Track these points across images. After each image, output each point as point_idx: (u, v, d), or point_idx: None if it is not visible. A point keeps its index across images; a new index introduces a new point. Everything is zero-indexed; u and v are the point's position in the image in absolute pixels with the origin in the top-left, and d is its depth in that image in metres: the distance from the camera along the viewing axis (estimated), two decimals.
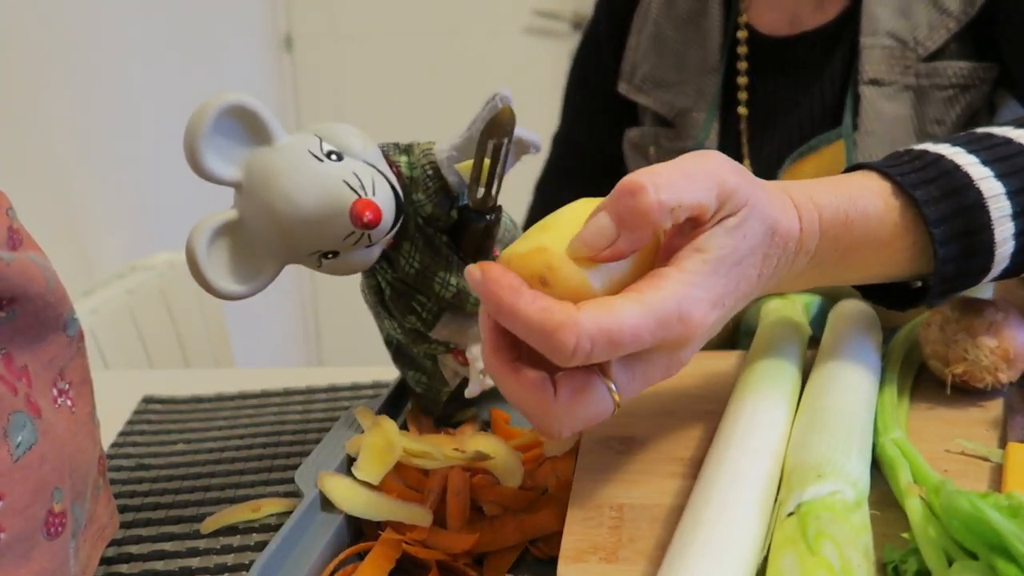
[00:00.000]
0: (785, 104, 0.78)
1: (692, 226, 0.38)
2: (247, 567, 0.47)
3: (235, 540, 0.50)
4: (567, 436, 0.37)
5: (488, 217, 0.49)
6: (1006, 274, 0.45)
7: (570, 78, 0.93)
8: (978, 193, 0.42)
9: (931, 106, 0.71)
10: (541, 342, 0.33)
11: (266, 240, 0.43)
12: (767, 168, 0.78)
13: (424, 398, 0.58)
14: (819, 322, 0.59)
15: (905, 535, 0.35)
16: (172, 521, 0.52)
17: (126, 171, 1.43)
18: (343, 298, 2.44)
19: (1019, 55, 0.69)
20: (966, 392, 0.49)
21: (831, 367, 0.47)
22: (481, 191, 0.47)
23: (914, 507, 0.36)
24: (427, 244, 0.50)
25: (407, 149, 0.49)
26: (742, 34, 0.79)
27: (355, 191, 0.41)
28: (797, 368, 0.48)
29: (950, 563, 0.32)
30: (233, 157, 0.42)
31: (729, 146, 0.80)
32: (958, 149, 0.44)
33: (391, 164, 0.48)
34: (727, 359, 0.55)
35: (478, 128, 0.46)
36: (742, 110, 0.79)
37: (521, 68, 2.08)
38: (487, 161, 0.45)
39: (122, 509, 0.53)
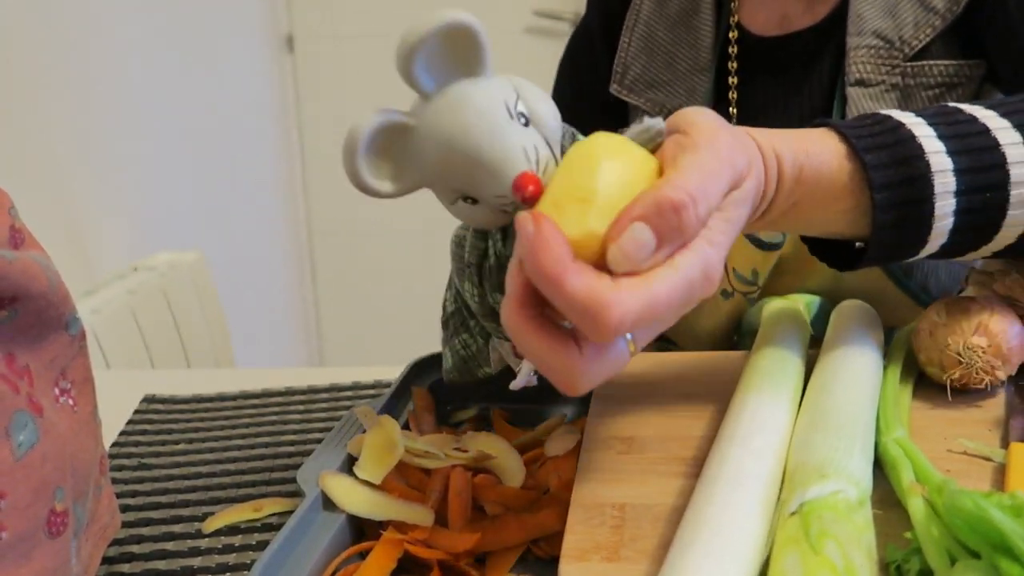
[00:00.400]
0: (775, 104, 0.78)
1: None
2: (248, 567, 0.47)
3: (237, 539, 0.50)
4: (584, 391, 0.37)
5: None
6: (946, 252, 0.46)
7: (560, 74, 0.93)
8: (927, 165, 0.43)
9: (917, 105, 0.71)
10: (584, 319, 0.33)
11: (425, 157, 0.43)
12: None
13: (462, 365, 0.57)
14: (820, 322, 0.59)
15: (908, 535, 0.35)
16: (174, 520, 0.52)
17: (127, 171, 1.43)
18: (345, 298, 2.44)
19: (1004, 53, 0.69)
20: (968, 392, 0.49)
21: (833, 367, 0.47)
22: None
23: (917, 506, 0.35)
24: None
25: (575, 135, 0.49)
26: (733, 34, 0.79)
27: (528, 162, 0.42)
28: (799, 368, 0.48)
29: (953, 562, 0.32)
30: (436, 70, 0.42)
31: None
32: (920, 120, 0.45)
33: (562, 150, 0.48)
34: (728, 359, 0.55)
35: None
36: (732, 110, 0.79)
37: (521, 68, 2.07)
38: None
39: (124, 508, 0.53)
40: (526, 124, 0.43)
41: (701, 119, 0.39)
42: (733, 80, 0.79)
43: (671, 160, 0.38)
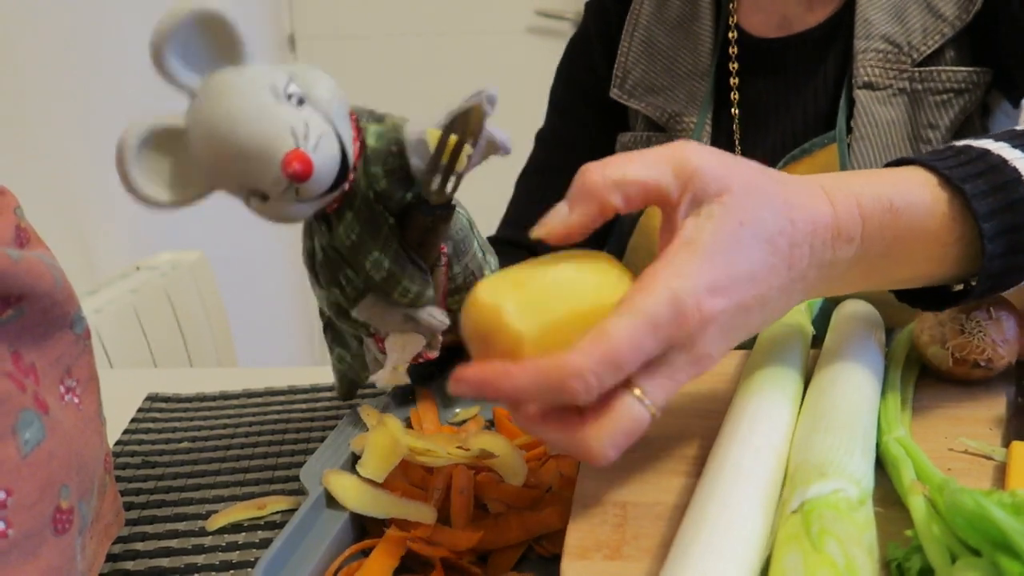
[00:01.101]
0: (776, 106, 0.78)
1: (664, 213, 0.38)
2: (252, 564, 0.47)
3: (240, 537, 0.50)
4: (613, 456, 0.35)
5: (438, 211, 0.47)
6: None
7: (557, 78, 0.93)
8: None
9: (925, 110, 0.71)
10: (557, 394, 0.33)
11: (198, 157, 0.41)
12: None
13: (343, 379, 0.57)
14: (822, 321, 0.59)
15: (909, 533, 0.35)
16: (177, 518, 0.52)
17: None
18: None
19: (1013, 61, 0.69)
20: (969, 389, 0.49)
21: (834, 366, 0.47)
22: (436, 183, 0.45)
23: (918, 505, 0.36)
24: (370, 219, 0.47)
25: (381, 118, 0.47)
26: (732, 35, 0.79)
27: (296, 140, 0.40)
28: (800, 367, 0.48)
29: (954, 561, 0.32)
30: (197, 65, 0.41)
31: (721, 148, 0.80)
32: (1002, 144, 0.43)
33: (358, 129, 0.46)
34: (730, 358, 0.55)
35: (452, 118, 0.45)
36: (734, 112, 0.79)
37: (523, 68, 2.07)
38: (446, 155, 0.44)
39: (127, 506, 0.53)
40: (300, 104, 0.41)
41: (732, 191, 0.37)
42: (734, 81, 0.79)
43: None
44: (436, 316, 0.51)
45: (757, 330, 0.39)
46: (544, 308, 0.35)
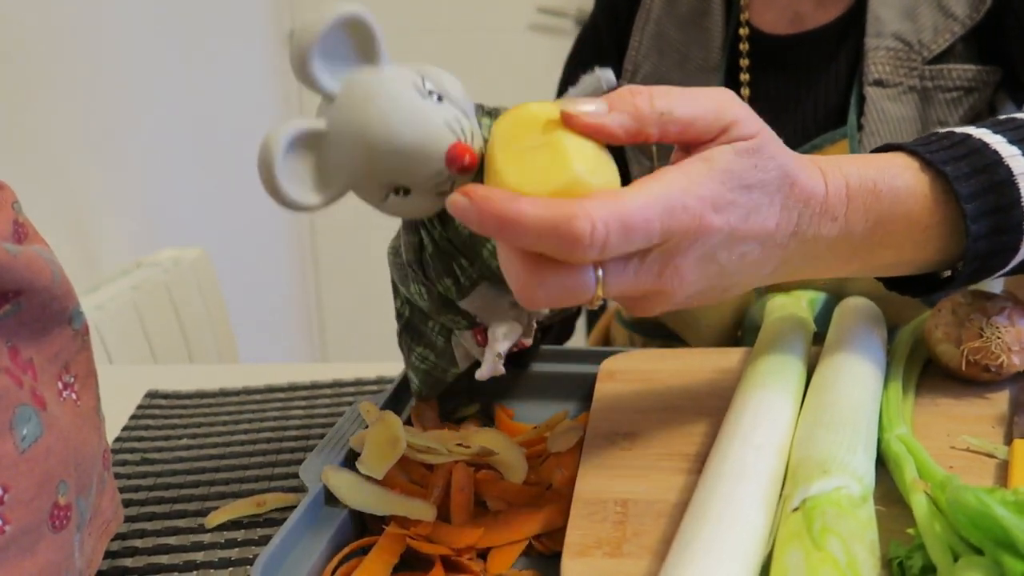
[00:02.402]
0: (787, 103, 0.78)
1: (697, 147, 0.38)
2: (251, 561, 0.47)
3: (239, 534, 0.50)
4: (542, 307, 0.36)
5: None
6: None
7: (566, 72, 0.93)
8: (1008, 170, 0.42)
9: (935, 108, 0.72)
10: (555, 237, 0.32)
11: (345, 158, 0.42)
12: None
13: (426, 378, 0.57)
14: (824, 318, 0.59)
15: (910, 531, 0.35)
16: (176, 515, 0.52)
17: (132, 167, 1.43)
18: (347, 294, 2.44)
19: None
20: (972, 386, 0.49)
21: (836, 363, 0.47)
22: None
23: (919, 503, 0.35)
24: None
25: (492, 112, 0.47)
26: (744, 32, 0.79)
27: (455, 134, 0.41)
28: (802, 364, 0.48)
29: (956, 559, 0.32)
30: (335, 68, 0.41)
31: None
32: (984, 130, 0.44)
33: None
34: (732, 355, 0.55)
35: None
36: None
37: (525, 65, 2.07)
38: None
39: (126, 503, 0.53)
40: (440, 100, 0.42)
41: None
42: (745, 77, 0.79)
43: None
44: None
45: (727, 285, 0.40)
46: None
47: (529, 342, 0.53)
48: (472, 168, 0.40)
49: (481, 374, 0.50)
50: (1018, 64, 0.70)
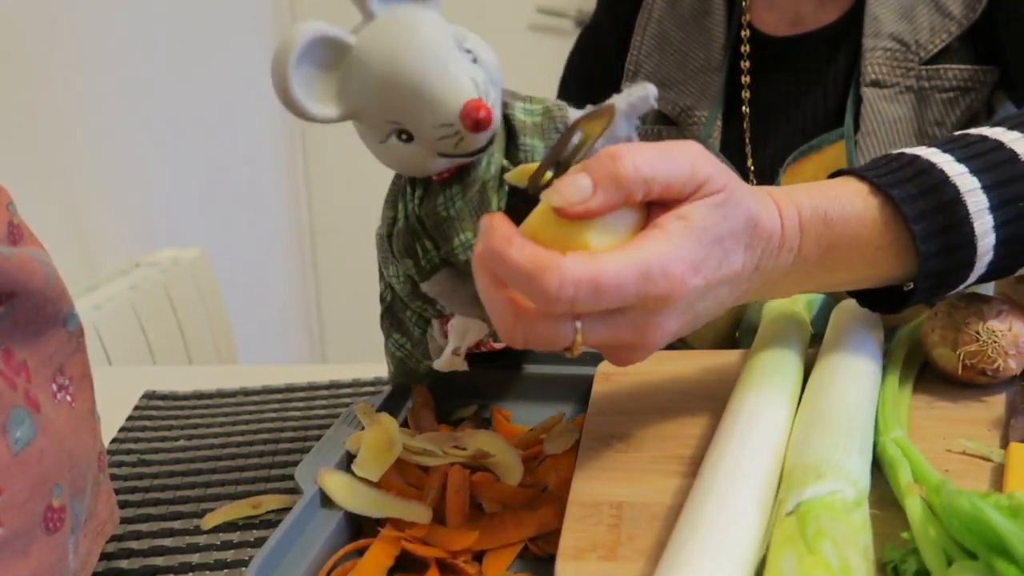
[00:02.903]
0: (787, 103, 0.78)
1: (669, 206, 0.39)
2: (246, 563, 0.47)
3: (235, 536, 0.50)
4: (519, 345, 0.37)
5: (533, 200, 0.46)
6: (994, 268, 0.45)
7: (567, 70, 0.94)
8: (955, 189, 0.43)
9: (931, 108, 0.72)
10: (527, 284, 0.34)
11: (363, 80, 0.41)
12: (769, 166, 0.78)
13: (401, 366, 0.56)
14: (821, 320, 0.59)
15: (905, 535, 0.35)
16: (172, 517, 0.52)
17: (130, 167, 1.43)
18: (346, 295, 2.44)
19: (1020, 58, 0.69)
20: (968, 389, 0.49)
21: (832, 366, 0.47)
22: (549, 176, 0.42)
23: (914, 507, 0.35)
24: (479, 199, 0.47)
25: (527, 98, 0.47)
26: (745, 33, 0.79)
27: (477, 92, 0.40)
28: (798, 366, 0.48)
29: (949, 563, 0.32)
30: None
31: (732, 144, 0.80)
32: (933, 150, 0.45)
33: (504, 106, 0.46)
34: (728, 357, 0.55)
35: (619, 116, 0.45)
36: (745, 109, 0.79)
37: (525, 65, 2.06)
38: (574, 149, 0.42)
39: (122, 505, 0.53)
40: (474, 62, 0.42)
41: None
42: (745, 79, 0.79)
43: None
44: None
45: (699, 323, 0.41)
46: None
47: (500, 345, 0.53)
48: (485, 125, 0.40)
49: (437, 365, 0.50)
50: (1011, 63, 0.70)
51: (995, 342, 0.46)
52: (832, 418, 0.41)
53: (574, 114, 0.47)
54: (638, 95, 0.46)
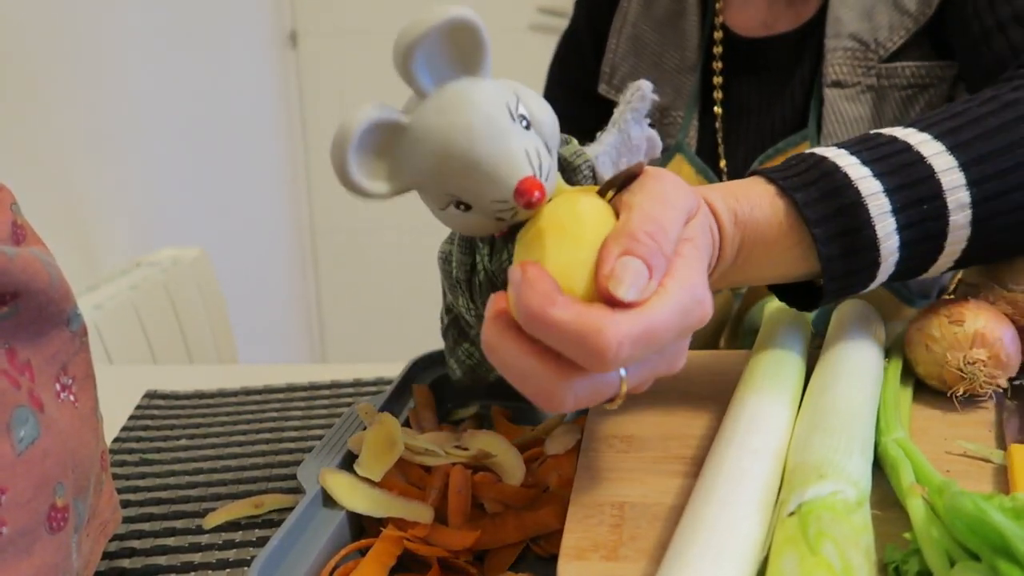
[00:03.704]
0: (757, 105, 0.78)
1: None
2: (248, 563, 0.47)
3: (237, 536, 0.50)
4: (568, 409, 0.35)
5: None
6: (904, 270, 0.46)
7: (550, 76, 0.94)
8: (856, 192, 0.44)
9: (890, 106, 0.72)
10: (579, 346, 0.32)
11: (419, 158, 0.41)
12: (742, 167, 0.78)
13: (470, 372, 0.57)
14: (822, 320, 0.59)
15: (907, 535, 0.35)
16: (174, 516, 0.52)
17: (131, 167, 1.43)
18: (347, 295, 2.44)
19: (965, 48, 0.69)
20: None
21: (834, 366, 0.47)
22: None
23: (916, 507, 0.35)
24: None
25: (566, 141, 0.47)
26: (718, 34, 0.79)
27: (532, 167, 0.40)
28: (800, 367, 0.48)
29: (952, 564, 0.32)
30: (436, 68, 0.41)
31: (707, 145, 0.80)
32: (842, 151, 0.46)
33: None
34: (729, 358, 0.55)
35: (628, 125, 0.45)
36: (717, 109, 0.80)
37: (525, 65, 2.07)
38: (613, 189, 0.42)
39: (124, 504, 0.53)
40: (527, 127, 0.42)
41: (648, 172, 0.41)
42: (718, 80, 0.79)
43: (626, 205, 0.38)
44: None
45: None
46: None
47: None
48: (537, 206, 0.40)
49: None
50: (958, 55, 0.70)
51: (979, 376, 0.46)
52: (833, 419, 0.41)
53: (591, 149, 0.47)
54: (636, 98, 0.46)
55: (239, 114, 1.91)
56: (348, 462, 0.50)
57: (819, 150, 0.47)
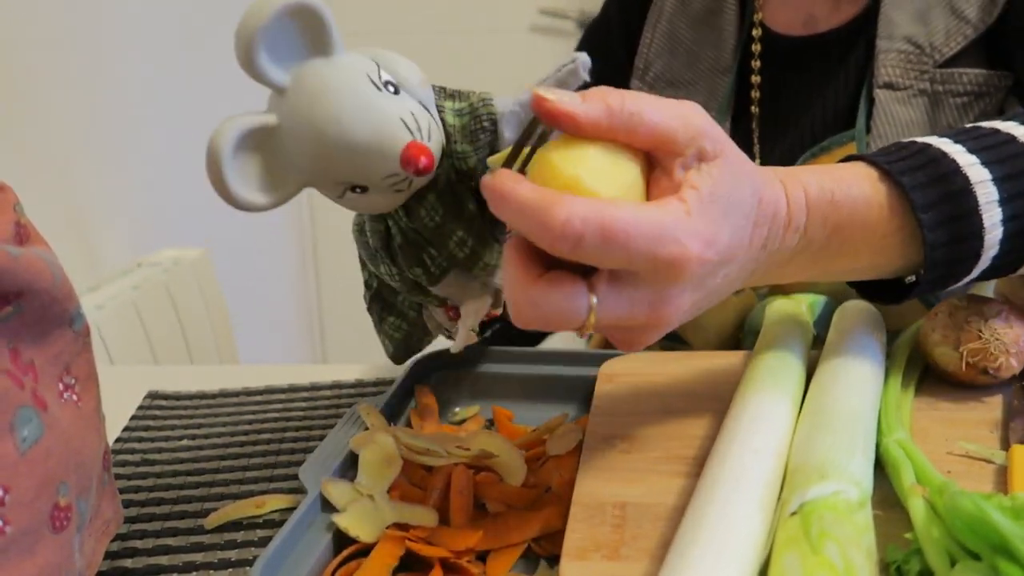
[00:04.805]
0: (798, 105, 0.78)
1: (662, 163, 0.38)
2: (250, 563, 0.47)
3: (239, 536, 0.50)
4: (533, 326, 0.36)
5: None
6: (998, 263, 0.45)
7: None
8: (965, 179, 0.43)
9: (945, 112, 0.71)
10: (532, 219, 0.33)
11: (298, 155, 0.39)
12: None
13: (402, 345, 0.56)
14: (824, 322, 0.59)
15: (908, 535, 0.35)
16: (176, 516, 0.52)
17: (133, 167, 1.43)
18: (348, 294, 2.44)
19: None
20: (970, 391, 0.49)
21: (835, 366, 0.47)
22: (517, 165, 0.41)
23: (917, 508, 0.36)
24: (454, 200, 0.46)
25: (455, 95, 0.46)
26: (756, 33, 0.79)
27: (411, 132, 0.39)
28: (801, 367, 0.48)
29: (953, 564, 0.32)
30: (285, 59, 0.39)
31: (740, 146, 0.80)
32: (945, 139, 0.45)
33: (437, 109, 0.45)
34: (731, 358, 0.55)
35: (552, 84, 0.43)
36: (754, 109, 0.79)
37: (527, 67, 2.07)
38: (528, 146, 0.41)
39: (127, 504, 0.53)
40: (396, 92, 0.40)
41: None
42: (756, 79, 0.79)
43: None
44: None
45: (710, 302, 0.41)
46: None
47: (499, 311, 0.53)
48: (428, 169, 0.39)
49: (456, 347, 0.50)
50: (1018, 67, 0.70)
51: (998, 339, 0.46)
52: (835, 419, 0.41)
53: (501, 104, 0.45)
54: (567, 70, 0.44)
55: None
56: (350, 463, 0.50)
57: (919, 138, 0.45)
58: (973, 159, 0.43)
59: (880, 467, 0.41)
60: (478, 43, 2.19)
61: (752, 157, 0.79)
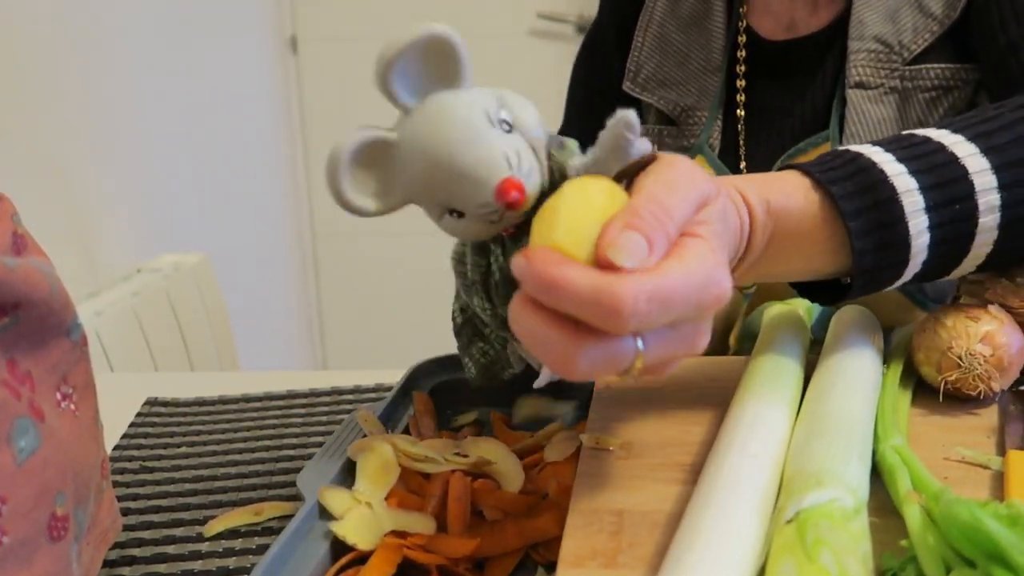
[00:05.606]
0: (780, 107, 0.79)
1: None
2: (248, 570, 0.47)
3: (237, 543, 0.50)
4: (584, 378, 0.35)
5: None
6: (929, 268, 0.46)
7: (574, 76, 0.94)
8: (892, 188, 0.44)
9: (913, 108, 0.72)
10: (596, 306, 0.33)
11: (407, 172, 0.43)
12: (760, 169, 0.78)
13: (485, 371, 0.57)
14: (821, 326, 0.59)
15: (904, 543, 0.35)
16: (174, 524, 0.52)
17: (132, 173, 1.43)
18: (348, 301, 2.44)
19: (988, 54, 0.70)
20: (962, 398, 0.49)
21: (832, 372, 0.47)
22: None
23: (913, 515, 0.36)
24: None
25: (562, 144, 0.47)
26: (741, 38, 0.80)
27: (511, 168, 0.41)
28: (798, 373, 0.48)
29: (948, 571, 0.32)
30: (416, 84, 0.42)
31: (729, 146, 0.80)
32: (876, 148, 0.46)
33: (548, 155, 0.46)
34: (728, 364, 0.55)
35: (605, 152, 0.45)
36: (740, 111, 0.80)
37: (525, 71, 2.07)
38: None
39: (125, 512, 0.53)
40: (509, 131, 0.43)
41: (662, 159, 0.40)
42: (741, 83, 0.80)
43: (635, 189, 0.38)
44: None
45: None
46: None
47: None
48: (518, 205, 0.41)
49: (539, 383, 0.50)
50: (982, 60, 0.71)
51: (976, 368, 0.46)
52: (832, 425, 0.41)
53: (571, 165, 0.46)
54: (622, 126, 0.45)
55: (239, 119, 1.91)
56: (348, 470, 0.50)
57: (853, 147, 0.47)
58: (901, 168, 0.45)
59: (876, 473, 0.41)
60: (476, 47, 2.17)
61: (738, 158, 0.80)
